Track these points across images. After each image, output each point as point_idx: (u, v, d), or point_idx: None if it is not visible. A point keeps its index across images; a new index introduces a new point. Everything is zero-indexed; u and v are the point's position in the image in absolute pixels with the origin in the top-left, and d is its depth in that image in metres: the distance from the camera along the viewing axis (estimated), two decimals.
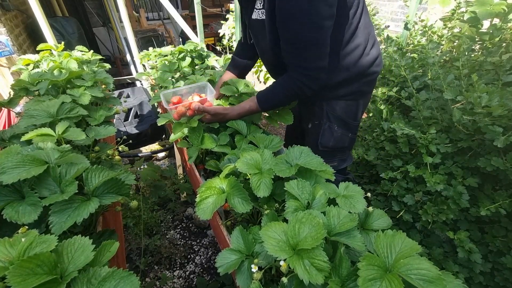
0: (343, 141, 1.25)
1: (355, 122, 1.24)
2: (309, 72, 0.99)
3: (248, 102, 1.11)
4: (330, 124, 1.22)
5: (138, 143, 2.69)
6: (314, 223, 0.54)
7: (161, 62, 1.73)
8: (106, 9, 4.90)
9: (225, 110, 1.09)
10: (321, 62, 0.97)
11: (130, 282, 0.47)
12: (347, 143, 1.28)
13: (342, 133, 1.23)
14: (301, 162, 0.74)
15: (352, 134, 1.26)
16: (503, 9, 1.58)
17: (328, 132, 1.22)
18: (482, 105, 1.17)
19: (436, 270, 0.46)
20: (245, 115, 1.12)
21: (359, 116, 1.25)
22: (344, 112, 1.20)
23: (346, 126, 1.23)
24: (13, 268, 0.44)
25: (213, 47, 5.54)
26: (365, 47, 1.08)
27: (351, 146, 1.34)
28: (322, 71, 0.99)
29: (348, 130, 1.24)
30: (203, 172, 1.08)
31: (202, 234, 2.09)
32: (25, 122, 0.84)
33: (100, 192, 0.66)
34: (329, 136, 1.23)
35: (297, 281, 0.51)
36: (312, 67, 0.98)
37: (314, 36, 0.91)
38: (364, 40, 1.07)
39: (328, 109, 1.20)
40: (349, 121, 1.22)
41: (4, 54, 2.30)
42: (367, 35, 1.09)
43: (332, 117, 1.21)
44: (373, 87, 1.26)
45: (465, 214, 1.34)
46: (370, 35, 1.10)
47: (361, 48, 1.07)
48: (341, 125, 1.22)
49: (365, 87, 1.19)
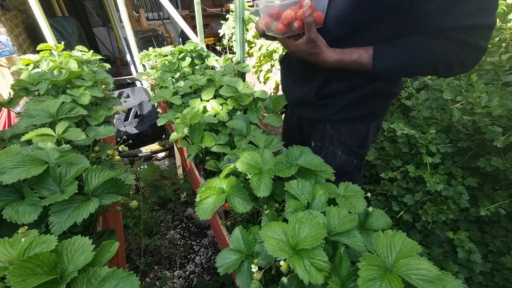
0: (347, 166, 1.05)
1: (362, 150, 1.02)
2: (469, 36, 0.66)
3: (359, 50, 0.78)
4: (333, 149, 1.02)
5: (138, 143, 2.69)
6: (314, 223, 0.54)
7: (161, 62, 1.73)
8: (106, 9, 4.90)
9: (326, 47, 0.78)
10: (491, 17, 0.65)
11: (130, 282, 0.47)
12: (351, 168, 1.06)
13: (346, 159, 1.02)
14: (301, 162, 0.74)
15: (357, 161, 1.05)
16: (503, 9, 1.58)
17: (331, 157, 1.02)
18: (482, 105, 1.17)
19: (436, 270, 0.46)
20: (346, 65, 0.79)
21: (368, 143, 1.02)
22: (352, 136, 1.00)
23: (352, 153, 1.02)
24: (13, 268, 0.44)
25: (213, 47, 5.54)
26: None
27: (359, 170, 1.13)
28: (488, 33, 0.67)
29: (354, 157, 1.03)
30: (203, 172, 1.08)
31: (202, 234, 2.09)
32: (25, 122, 0.84)
33: (100, 192, 0.66)
34: (331, 160, 1.01)
35: (297, 281, 0.51)
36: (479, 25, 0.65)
37: None
38: None
39: (332, 132, 1.00)
40: (355, 148, 1.01)
41: (4, 54, 2.30)
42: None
43: (336, 142, 1.01)
44: (388, 109, 1.05)
45: (465, 214, 1.34)
46: None
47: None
48: (345, 152, 1.02)
49: (380, 108, 0.97)
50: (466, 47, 0.68)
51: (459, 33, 0.67)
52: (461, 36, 0.67)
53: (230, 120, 1.06)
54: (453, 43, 0.68)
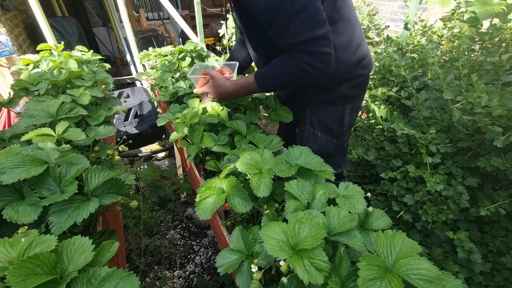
0: (328, 147, 1.18)
1: (340, 129, 1.16)
2: (307, 47, 0.84)
3: (247, 77, 1.02)
4: (314, 130, 1.15)
5: (138, 143, 2.69)
6: (314, 223, 0.54)
7: (161, 62, 1.73)
8: (106, 9, 4.90)
9: (224, 82, 1.04)
10: (317, 30, 0.82)
11: (130, 282, 0.47)
12: (333, 150, 1.20)
13: (326, 139, 1.17)
14: (301, 162, 0.74)
15: (337, 140, 1.19)
16: (503, 9, 1.58)
17: (312, 138, 1.16)
18: (482, 105, 1.17)
19: (436, 270, 0.46)
20: (244, 92, 1.04)
21: (345, 122, 1.16)
22: (329, 117, 1.13)
23: (330, 133, 1.16)
24: (13, 268, 0.44)
25: (213, 47, 5.53)
26: (348, 45, 0.97)
27: (342, 152, 1.27)
28: (322, 41, 0.83)
29: (333, 136, 1.17)
30: (203, 172, 1.08)
31: (202, 234, 2.09)
32: (25, 122, 0.84)
33: (100, 192, 0.66)
34: (313, 142, 1.17)
35: (297, 281, 0.51)
36: (308, 39, 0.82)
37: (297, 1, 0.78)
38: (347, 38, 0.96)
39: (311, 115, 1.14)
40: (333, 127, 1.14)
41: (4, 54, 2.30)
42: (351, 33, 0.98)
43: (315, 123, 1.14)
44: (363, 91, 1.16)
45: (465, 214, 1.34)
46: (355, 33, 1.00)
47: (342, 47, 0.95)
48: (324, 131, 1.15)
49: (350, 91, 1.09)
50: (312, 55, 0.85)
51: (299, 47, 0.85)
52: (303, 48, 0.85)
53: (230, 120, 1.06)
54: (300, 54, 0.86)
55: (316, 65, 0.86)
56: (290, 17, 0.80)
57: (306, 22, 0.80)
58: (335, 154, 1.23)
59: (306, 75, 0.88)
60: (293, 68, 0.88)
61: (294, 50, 0.86)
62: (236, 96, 1.08)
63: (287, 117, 1.13)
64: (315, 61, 0.85)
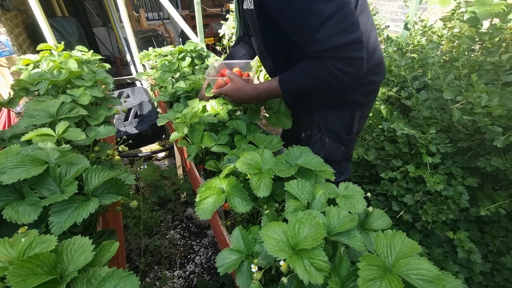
0: (335, 154, 1.15)
1: (349, 136, 1.13)
2: (340, 53, 0.78)
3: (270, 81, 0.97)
4: (321, 136, 1.12)
5: (138, 143, 2.69)
6: (314, 223, 0.54)
7: (161, 62, 1.73)
8: (106, 9, 4.90)
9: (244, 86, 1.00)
10: (351, 34, 0.77)
11: (130, 282, 0.47)
12: (340, 157, 1.17)
13: (334, 146, 1.13)
14: (301, 162, 0.74)
15: (344, 148, 1.16)
16: (503, 9, 1.58)
17: (319, 144, 1.13)
18: (482, 105, 1.17)
19: (436, 270, 0.46)
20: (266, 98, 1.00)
21: (354, 129, 1.13)
22: (337, 123, 1.10)
23: (339, 140, 1.13)
24: (13, 268, 0.44)
25: (213, 47, 5.54)
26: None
27: (347, 159, 1.24)
28: (356, 46, 0.78)
29: (341, 143, 1.14)
30: (203, 172, 1.08)
31: (202, 234, 2.09)
32: (25, 122, 0.84)
33: (100, 192, 0.66)
34: (320, 148, 1.13)
35: (297, 281, 0.51)
36: (341, 44, 0.77)
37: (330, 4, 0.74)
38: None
39: (319, 120, 1.11)
40: (341, 134, 1.11)
41: (4, 54, 2.30)
42: (367, 39, 0.96)
43: (323, 129, 1.11)
44: (373, 98, 1.13)
45: (465, 214, 1.34)
46: (371, 39, 0.99)
47: None
48: (332, 138, 1.12)
49: (361, 98, 1.07)
50: (346, 61, 0.81)
51: (331, 53, 0.80)
52: (335, 55, 0.80)
53: (230, 120, 1.06)
54: (331, 60, 0.81)
55: (348, 70, 0.81)
56: (323, 20, 0.75)
57: (339, 26, 0.76)
58: (341, 161, 1.20)
59: (336, 81, 0.84)
60: (323, 74, 0.83)
61: (325, 56, 0.81)
62: (256, 101, 1.04)
63: (286, 123, 1.09)
64: (348, 67, 0.81)
